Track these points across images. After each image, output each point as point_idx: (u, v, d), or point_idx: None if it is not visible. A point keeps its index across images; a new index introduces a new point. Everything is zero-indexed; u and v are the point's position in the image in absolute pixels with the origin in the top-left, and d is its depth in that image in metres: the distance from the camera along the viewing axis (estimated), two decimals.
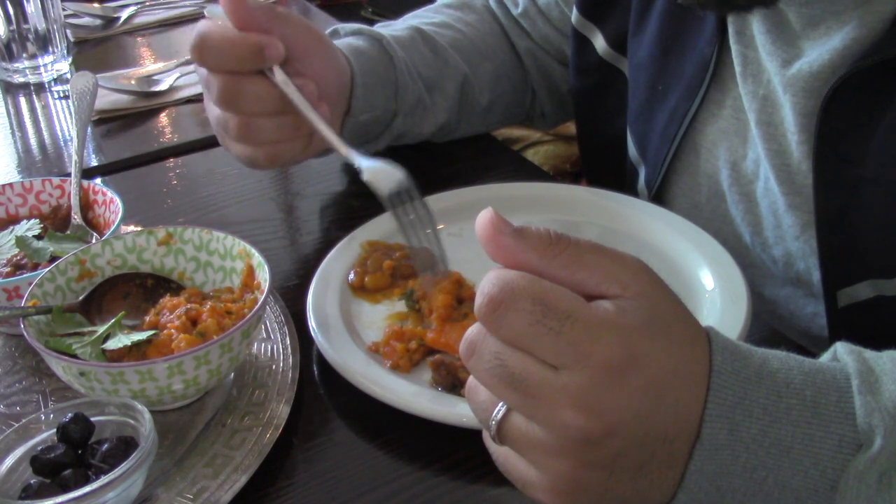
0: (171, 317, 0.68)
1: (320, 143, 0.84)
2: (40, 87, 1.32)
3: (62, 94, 1.29)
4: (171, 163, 1.10)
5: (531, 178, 0.97)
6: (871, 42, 0.69)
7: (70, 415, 0.60)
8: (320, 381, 0.72)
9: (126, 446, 0.59)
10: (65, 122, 1.23)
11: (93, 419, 0.61)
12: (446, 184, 0.91)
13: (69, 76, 1.34)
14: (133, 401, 0.62)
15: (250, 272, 0.73)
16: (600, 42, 0.98)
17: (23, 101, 1.29)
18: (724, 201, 0.86)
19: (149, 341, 0.66)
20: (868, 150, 0.69)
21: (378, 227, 0.86)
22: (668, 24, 0.87)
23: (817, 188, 0.72)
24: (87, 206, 0.86)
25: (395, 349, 0.71)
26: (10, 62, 1.33)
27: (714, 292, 0.76)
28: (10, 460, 0.59)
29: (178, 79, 1.28)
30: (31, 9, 1.30)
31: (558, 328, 0.44)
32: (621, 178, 0.97)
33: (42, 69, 1.34)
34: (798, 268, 0.81)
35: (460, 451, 0.64)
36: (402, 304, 0.77)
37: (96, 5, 1.58)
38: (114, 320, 0.68)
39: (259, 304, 0.67)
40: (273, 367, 0.71)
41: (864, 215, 0.70)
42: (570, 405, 0.44)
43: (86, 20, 1.54)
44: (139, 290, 0.75)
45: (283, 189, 1.04)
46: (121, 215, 0.81)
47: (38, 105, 1.28)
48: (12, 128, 1.21)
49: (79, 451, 0.60)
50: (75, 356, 0.65)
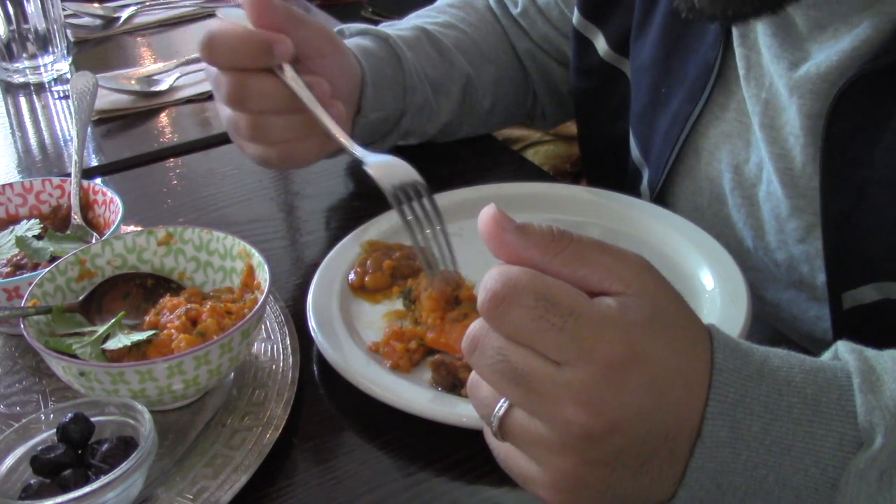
0: (171, 317, 0.68)
1: (336, 143, 0.84)
2: (40, 87, 1.32)
3: (62, 94, 1.29)
4: (171, 163, 1.10)
5: (531, 178, 0.97)
6: (880, 44, 0.68)
7: (70, 415, 0.60)
8: (320, 381, 0.72)
9: (126, 446, 0.59)
10: (65, 122, 1.23)
11: (93, 419, 0.61)
12: (446, 184, 0.91)
13: (69, 76, 1.34)
14: (133, 401, 0.61)
15: (250, 272, 0.73)
16: (601, 43, 0.98)
17: (23, 101, 1.29)
18: (725, 205, 0.86)
19: (149, 341, 0.66)
20: (875, 153, 0.69)
21: (378, 227, 0.86)
22: (672, 27, 0.87)
23: (824, 190, 0.72)
24: (87, 206, 0.86)
25: (395, 349, 0.70)
26: (11, 62, 1.33)
27: (714, 292, 0.75)
28: (10, 460, 0.59)
29: (178, 79, 1.28)
30: (31, 9, 1.30)
31: (561, 324, 0.44)
32: (622, 179, 0.97)
33: (42, 69, 1.34)
34: (801, 271, 0.80)
35: (460, 451, 0.64)
36: (402, 303, 0.77)
37: (96, 5, 1.58)
38: (114, 320, 0.68)
39: (259, 304, 0.67)
40: (273, 367, 0.71)
41: (870, 217, 0.70)
42: (573, 401, 0.44)
43: (86, 20, 1.54)
44: (139, 290, 0.74)
45: (284, 189, 1.04)
46: (121, 215, 0.81)
47: (38, 105, 1.28)
48: (12, 128, 1.21)
49: (79, 452, 0.60)
50: (75, 356, 0.64)
